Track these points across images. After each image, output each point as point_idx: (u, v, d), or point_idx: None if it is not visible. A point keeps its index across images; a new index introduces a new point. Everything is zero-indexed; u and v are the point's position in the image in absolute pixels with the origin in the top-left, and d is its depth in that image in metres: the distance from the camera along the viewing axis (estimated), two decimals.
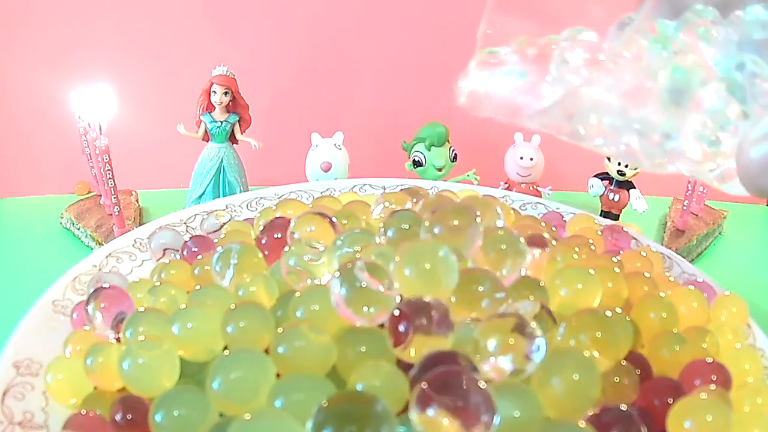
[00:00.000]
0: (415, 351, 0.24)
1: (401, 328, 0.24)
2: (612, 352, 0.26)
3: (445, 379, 0.22)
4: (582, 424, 0.23)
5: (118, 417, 0.25)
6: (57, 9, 0.66)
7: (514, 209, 0.41)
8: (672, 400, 0.25)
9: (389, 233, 0.31)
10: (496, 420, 0.21)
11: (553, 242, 0.32)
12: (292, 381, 0.24)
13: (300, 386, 0.24)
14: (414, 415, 0.21)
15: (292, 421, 0.22)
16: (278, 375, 0.25)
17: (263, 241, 0.34)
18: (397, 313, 0.25)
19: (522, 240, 0.30)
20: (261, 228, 0.35)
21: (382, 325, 0.26)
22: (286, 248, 0.31)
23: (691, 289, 0.33)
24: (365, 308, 0.25)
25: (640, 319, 0.30)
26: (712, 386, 0.26)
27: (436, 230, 0.29)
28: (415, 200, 0.37)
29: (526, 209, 0.47)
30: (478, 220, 0.30)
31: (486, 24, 0.26)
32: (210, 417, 0.24)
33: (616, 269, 0.32)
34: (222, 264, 0.31)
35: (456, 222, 0.29)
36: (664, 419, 0.25)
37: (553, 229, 0.38)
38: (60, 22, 0.66)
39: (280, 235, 0.33)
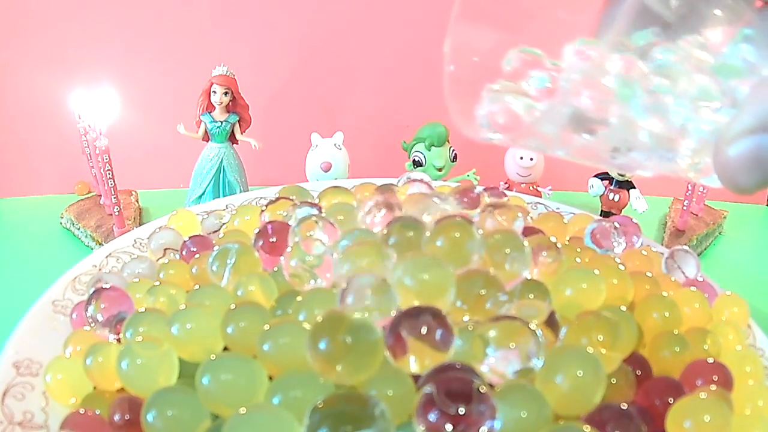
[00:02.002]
0: (416, 361, 0.24)
1: (399, 338, 0.24)
2: (616, 352, 0.26)
3: (448, 385, 0.22)
4: (587, 428, 0.22)
5: (116, 417, 0.25)
6: (58, 9, 0.66)
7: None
8: (672, 400, 0.25)
9: (391, 241, 0.31)
10: (498, 425, 0.21)
11: (558, 245, 0.32)
12: (290, 379, 0.24)
13: (298, 384, 0.24)
14: (417, 421, 0.21)
15: (288, 415, 0.22)
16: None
17: (260, 244, 0.34)
18: (394, 323, 0.25)
19: (525, 242, 0.30)
20: (257, 231, 0.35)
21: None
22: (288, 249, 0.31)
23: (693, 291, 0.33)
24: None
25: (642, 319, 0.30)
26: (713, 387, 0.26)
27: (438, 243, 0.29)
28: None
29: None
30: (479, 232, 0.29)
31: (452, 36, 0.26)
32: (203, 417, 0.24)
33: (621, 267, 0.32)
34: (219, 264, 0.31)
35: (457, 234, 0.29)
36: (664, 419, 0.25)
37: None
38: (61, 22, 0.66)
39: (275, 239, 0.33)
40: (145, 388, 0.26)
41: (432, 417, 0.21)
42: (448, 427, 0.21)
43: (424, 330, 0.24)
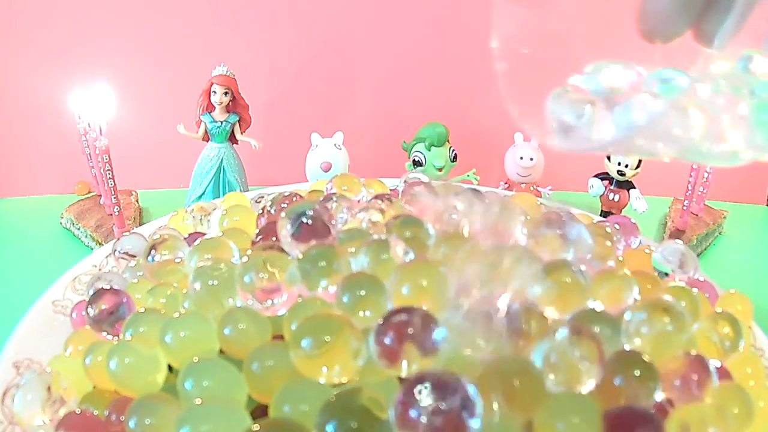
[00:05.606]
0: (408, 365, 0.23)
1: (388, 341, 0.23)
2: None
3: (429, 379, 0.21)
4: None
5: (112, 417, 0.25)
6: (58, 9, 0.66)
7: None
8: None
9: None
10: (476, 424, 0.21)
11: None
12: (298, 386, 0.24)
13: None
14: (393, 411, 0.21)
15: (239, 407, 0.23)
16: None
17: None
18: (385, 327, 0.24)
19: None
20: (257, 232, 0.34)
21: None
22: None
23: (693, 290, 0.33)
24: (361, 313, 0.25)
25: None
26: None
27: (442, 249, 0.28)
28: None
29: None
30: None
31: (498, 28, 0.23)
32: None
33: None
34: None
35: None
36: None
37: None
38: (61, 21, 0.66)
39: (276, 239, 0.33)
40: (134, 388, 0.26)
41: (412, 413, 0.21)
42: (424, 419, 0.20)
43: (410, 330, 0.23)
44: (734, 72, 0.22)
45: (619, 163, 0.56)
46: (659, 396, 0.24)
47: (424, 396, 0.20)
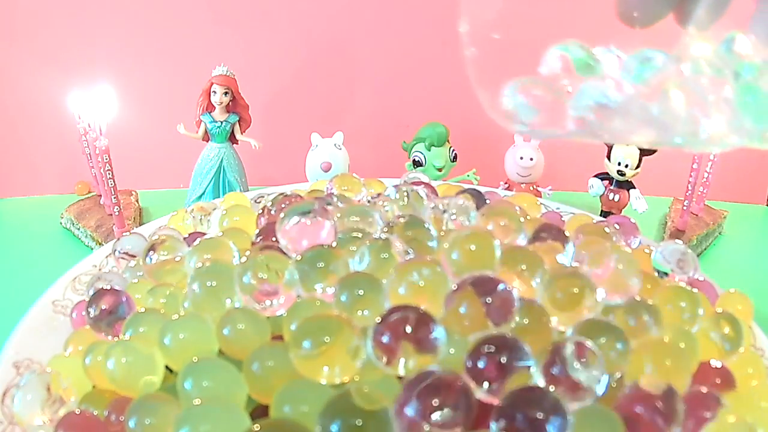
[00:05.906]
0: (405, 363, 0.23)
1: (385, 340, 0.23)
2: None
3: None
4: None
5: (112, 417, 0.25)
6: (59, 9, 0.66)
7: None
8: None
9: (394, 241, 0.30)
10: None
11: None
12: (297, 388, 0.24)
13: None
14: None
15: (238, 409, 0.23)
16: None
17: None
18: (382, 326, 0.24)
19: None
20: (257, 232, 0.34)
21: None
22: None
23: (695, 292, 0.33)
24: (359, 312, 0.25)
25: None
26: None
27: (454, 256, 0.28)
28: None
29: None
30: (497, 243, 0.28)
31: (467, 14, 0.23)
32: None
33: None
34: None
35: (473, 247, 0.28)
36: None
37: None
38: (62, 22, 0.66)
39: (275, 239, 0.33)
40: (130, 387, 0.26)
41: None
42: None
43: (408, 329, 0.23)
44: (718, 54, 0.22)
45: (619, 163, 0.56)
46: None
47: None
